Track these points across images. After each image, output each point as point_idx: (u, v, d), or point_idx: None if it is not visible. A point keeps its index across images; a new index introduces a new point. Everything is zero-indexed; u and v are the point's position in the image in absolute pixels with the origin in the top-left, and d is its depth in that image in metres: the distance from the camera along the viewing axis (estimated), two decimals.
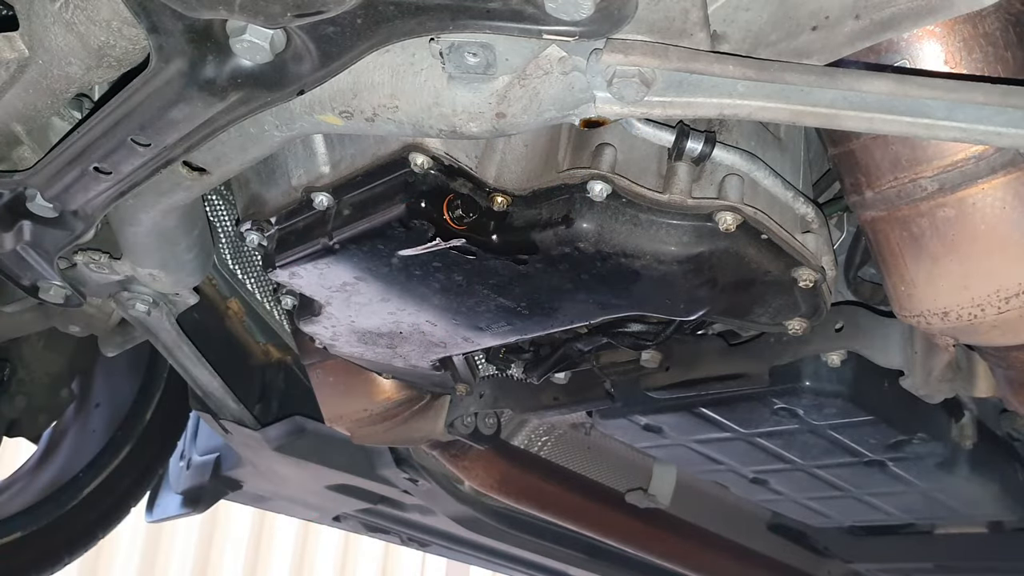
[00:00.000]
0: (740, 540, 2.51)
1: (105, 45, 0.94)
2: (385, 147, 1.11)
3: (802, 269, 1.12)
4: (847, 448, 1.70)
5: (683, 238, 1.06)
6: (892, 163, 1.02)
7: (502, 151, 1.11)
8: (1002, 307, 1.02)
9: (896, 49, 0.97)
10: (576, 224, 1.06)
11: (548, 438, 2.27)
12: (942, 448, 1.69)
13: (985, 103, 0.84)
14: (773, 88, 0.86)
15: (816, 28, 0.89)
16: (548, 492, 2.23)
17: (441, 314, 1.27)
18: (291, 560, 5.67)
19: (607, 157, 1.07)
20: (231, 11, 0.80)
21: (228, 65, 0.88)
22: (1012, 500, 1.88)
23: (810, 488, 1.97)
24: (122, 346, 1.97)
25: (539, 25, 0.81)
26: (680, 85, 0.87)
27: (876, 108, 0.86)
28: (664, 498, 2.19)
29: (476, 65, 0.88)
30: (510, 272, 1.15)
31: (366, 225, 1.13)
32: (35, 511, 2.33)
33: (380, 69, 0.93)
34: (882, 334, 1.41)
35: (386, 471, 2.34)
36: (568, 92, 0.90)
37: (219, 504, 2.67)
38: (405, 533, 2.83)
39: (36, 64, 0.99)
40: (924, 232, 1.04)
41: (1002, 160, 0.98)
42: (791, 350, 1.47)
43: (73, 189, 1.10)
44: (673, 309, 1.17)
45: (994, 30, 0.96)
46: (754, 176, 1.09)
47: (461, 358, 1.55)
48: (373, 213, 1.12)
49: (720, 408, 1.64)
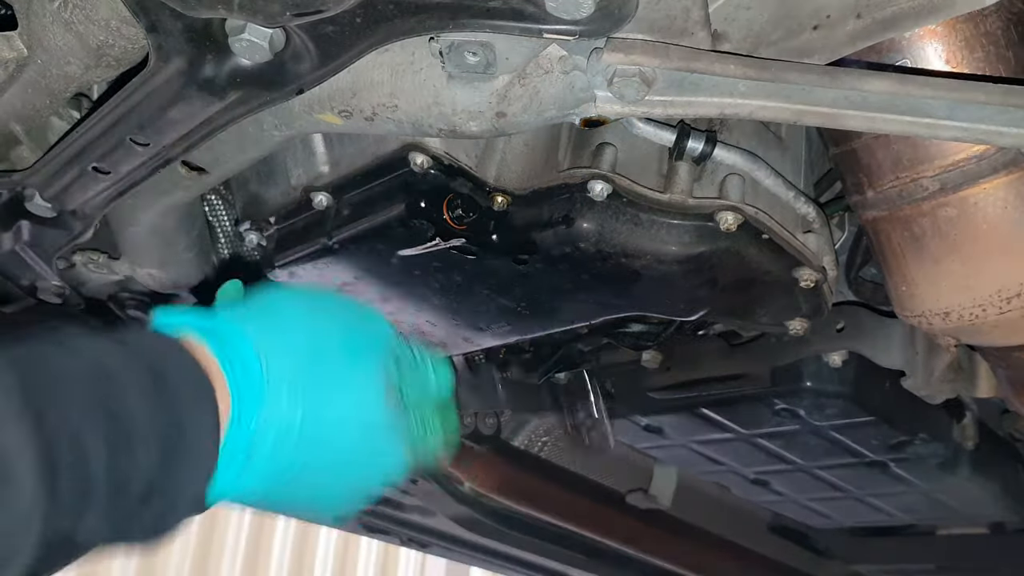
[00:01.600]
0: (741, 541, 2.51)
1: (104, 44, 0.93)
2: (385, 146, 1.11)
3: (803, 269, 1.12)
4: (848, 449, 1.69)
5: (684, 238, 1.06)
6: (893, 163, 1.02)
7: (502, 151, 1.11)
8: (1004, 307, 1.02)
9: (897, 48, 0.96)
10: (576, 224, 1.05)
11: (548, 438, 2.27)
12: (943, 449, 1.69)
13: (987, 102, 0.83)
14: (774, 87, 0.86)
15: (817, 27, 0.89)
16: (548, 492, 2.22)
17: (441, 314, 1.27)
18: (290, 560, 5.67)
19: (608, 157, 1.06)
20: (230, 10, 0.80)
21: (227, 64, 0.87)
22: (1014, 501, 1.87)
23: (811, 489, 1.97)
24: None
25: (539, 24, 0.80)
26: (681, 84, 0.87)
27: (877, 107, 0.86)
28: (665, 499, 2.18)
29: (476, 64, 0.88)
30: (510, 272, 1.14)
31: (366, 225, 1.12)
32: None
33: (379, 68, 0.93)
34: (883, 334, 1.41)
35: None
36: (568, 91, 0.90)
37: (219, 504, 2.66)
38: (405, 534, 2.83)
39: (35, 63, 0.99)
40: (926, 232, 1.04)
41: (1004, 160, 0.97)
42: (792, 350, 1.47)
43: (72, 189, 1.10)
44: (674, 309, 1.17)
45: (995, 29, 0.96)
46: (755, 176, 1.09)
47: (461, 358, 1.55)
48: (373, 213, 1.11)
49: (721, 409, 1.64)
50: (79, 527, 0.63)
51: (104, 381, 0.67)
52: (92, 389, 0.66)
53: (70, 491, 0.62)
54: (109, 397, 0.67)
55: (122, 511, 0.66)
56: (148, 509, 0.68)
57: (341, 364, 0.83)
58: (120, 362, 0.69)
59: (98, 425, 0.64)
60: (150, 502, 0.68)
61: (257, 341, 0.78)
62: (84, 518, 0.63)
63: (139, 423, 0.67)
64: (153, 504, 0.68)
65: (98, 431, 0.64)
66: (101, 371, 0.68)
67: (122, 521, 0.67)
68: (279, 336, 0.80)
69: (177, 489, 0.71)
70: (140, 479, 0.67)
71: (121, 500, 0.66)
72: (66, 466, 0.61)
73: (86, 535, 0.65)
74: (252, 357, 0.77)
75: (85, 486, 0.63)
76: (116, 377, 0.68)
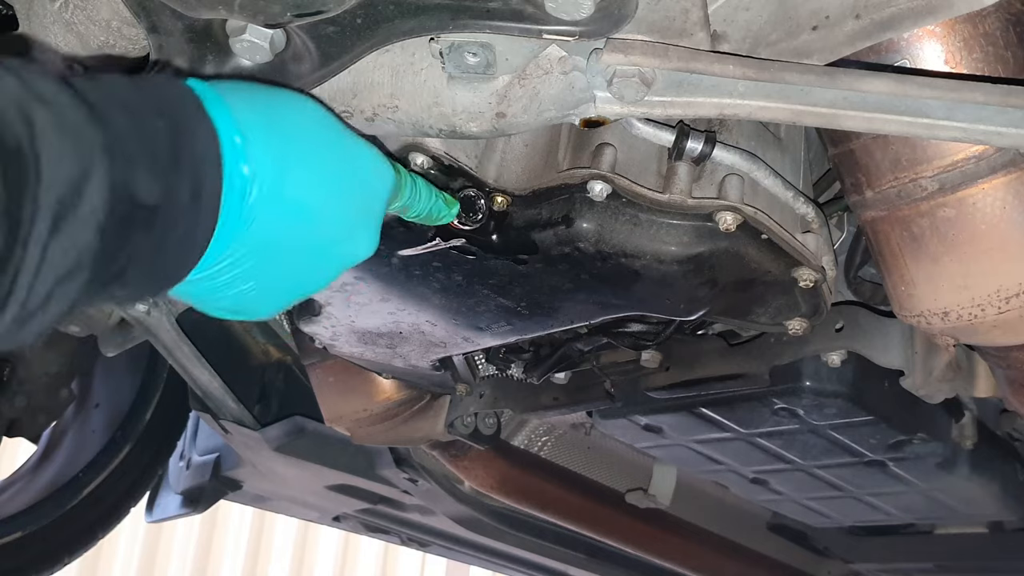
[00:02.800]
0: (740, 540, 2.51)
1: (104, 45, 0.94)
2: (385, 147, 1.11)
3: (802, 269, 1.12)
4: (847, 448, 1.70)
5: (683, 238, 1.06)
6: (892, 163, 1.02)
7: (502, 151, 1.11)
8: (1002, 307, 1.02)
9: (896, 49, 0.97)
10: (576, 224, 1.06)
11: (548, 438, 2.27)
12: (942, 448, 1.69)
13: (985, 103, 0.84)
14: (773, 88, 0.86)
15: (816, 28, 0.89)
16: (548, 492, 2.22)
17: (441, 314, 1.27)
18: (291, 560, 5.67)
19: (607, 157, 1.07)
20: (231, 11, 0.80)
21: (228, 65, 0.88)
22: (1012, 500, 1.87)
23: (810, 488, 1.97)
24: (122, 346, 1.98)
25: (539, 25, 0.81)
26: (680, 85, 0.87)
27: (876, 108, 0.86)
28: (664, 498, 2.18)
29: (476, 65, 0.88)
30: (510, 272, 1.14)
31: None
32: (35, 511, 2.33)
33: (380, 69, 0.93)
34: (882, 334, 1.41)
35: (386, 471, 2.34)
36: (568, 92, 0.90)
37: (219, 504, 2.67)
38: (405, 533, 2.83)
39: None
40: (924, 232, 1.04)
41: (1002, 160, 0.97)
42: (791, 350, 1.47)
43: None
44: (673, 309, 1.17)
45: (994, 30, 0.96)
46: (754, 176, 1.09)
47: (461, 358, 1.55)
48: None
49: (720, 408, 1.64)
50: (136, 180, 0.63)
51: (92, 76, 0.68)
52: (86, 79, 0.66)
53: (113, 134, 0.62)
54: (116, 83, 0.68)
55: (160, 167, 0.66)
56: (181, 172, 0.67)
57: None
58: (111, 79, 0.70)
59: (105, 91, 0.65)
60: (179, 165, 0.67)
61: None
62: (135, 171, 0.63)
63: (135, 98, 0.68)
64: (183, 166, 0.68)
65: (108, 96, 0.65)
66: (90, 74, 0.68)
67: (167, 178, 0.66)
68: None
69: (197, 153, 0.69)
70: (162, 139, 0.67)
71: (157, 161, 0.66)
72: (98, 108, 0.62)
73: (145, 189, 0.64)
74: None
75: (121, 140, 0.63)
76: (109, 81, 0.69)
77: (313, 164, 0.79)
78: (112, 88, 0.67)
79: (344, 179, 0.83)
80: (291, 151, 0.77)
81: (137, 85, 0.70)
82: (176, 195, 0.67)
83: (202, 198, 0.70)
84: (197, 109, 0.72)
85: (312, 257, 0.82)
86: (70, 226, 0.59)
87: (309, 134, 0.80)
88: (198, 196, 0.69)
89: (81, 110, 0.61)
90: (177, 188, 0.67)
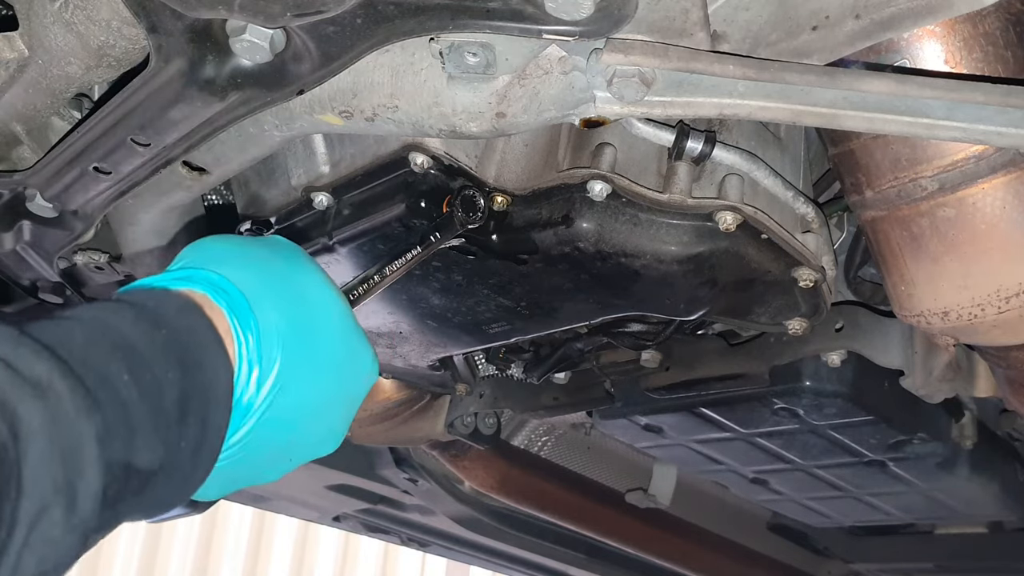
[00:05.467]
0: (740, 540, 2.51)
1: (105, 45, 0.94)
2: (385, 147, 1.11)
3: (802, 269, 1.12)
4: (847, 448, 1.70)
5: (683, 238, 1.06)
6: (892, 163, 1.02)
7: (502, 151, 1.11)
8: (1002, 307, 1.02)
9: (896, 49, 0.97)
10: (576, 224, 1.06)
11: (548, 438, 2.27)
12: (942, 448, 1.69)
13: (985, 103, 0.83)
14: (773, 88, 0.86)
15: (816, 28, 0.89)
16: (548, 492, 2.23)
17: (441, 314, 1.27)
18: (291, 560, 5.67)
19: (607, 157, 1.07)
20: (231, 11, 0.80)
21: (228, 65, 0.87)
22: (1012, 500, 1.88)
23: (810, 488, 1.97)
24: None
25: (539, 25, 0.81)
26: (680, 85, 0.87)
27: (876, 108, 0.86)
28: (664, 498, 2.18)
29: (476, 65, 0.88)
30: (510, 272, 1.15)
31: (366, 225, 1.12)
32: None
33: (380, 69, 0.93)
34: (882, 334, 1.41)
35: (386, 471, 2.34)
36: (568, 92, 0.90)
37: (219, 504, 2.66)
38: (405, 533, 2.83)
39: (36, 64, 0.99)
40: (924, 232, 1.04)
41: (1002, 160, 0.97)
42: (791, 350, 1.47)
43: (73, 189, 1.10)
44: (673, 309, 1.17)
45: (994, 30, 0.96)
46: (754, 176, 1.09)
47: (461, 358, 1.55)
48: (373, 213, 1.12)
49: (720, 408, 1.64)
50: (133, 451, 0.63)
51: (101, 325, 0.67)
52: (92, 330, 0.66)
53: (112, 415, 0.61)
54: (108, 328, 0.67)
55: (164, 428, 0.66)
56: (187, 426, 0.68)
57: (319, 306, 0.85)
58: (112, 307, 0.70)
59: (110, 354, 0.65)
60: (186, 418, 0.68)
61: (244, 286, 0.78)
62: (134, 441, 0.63)
63: (144, 348, 0.67)
64: (190, 419, 0.68)
65: (113, 357, 0.64)
66: (99, 322, 0.68)
67: (169, 438, 0.66)
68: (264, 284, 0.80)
69: (206, 396, 0.70)
70: (171, 391, 0.67)
71: (161, 419, 0.66)
72: (97, 390, 0.61)
73: (143, 458, 0.64)
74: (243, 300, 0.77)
75: (123, 410, 0.63)
76: (110, 320, 0.68)
77: (321, 387, 0.81)
78: (125, 338, 0.66)
79: (340, 396, 0.86)
80: (304, 376, 0.79)
81: (154, 322, 0.69)
82: (178, 451, 0.67)
83: (203, 450, 0.70)
84: (215, 345, 0.72)
85: (281, 461, 0.86)
86: (48, 534, 0.57)
87: (328, 350, 0.82)
88: (199, 449, 0.70)
89: (76, 397, 0.59)
90: (180, 443, 0.68)
